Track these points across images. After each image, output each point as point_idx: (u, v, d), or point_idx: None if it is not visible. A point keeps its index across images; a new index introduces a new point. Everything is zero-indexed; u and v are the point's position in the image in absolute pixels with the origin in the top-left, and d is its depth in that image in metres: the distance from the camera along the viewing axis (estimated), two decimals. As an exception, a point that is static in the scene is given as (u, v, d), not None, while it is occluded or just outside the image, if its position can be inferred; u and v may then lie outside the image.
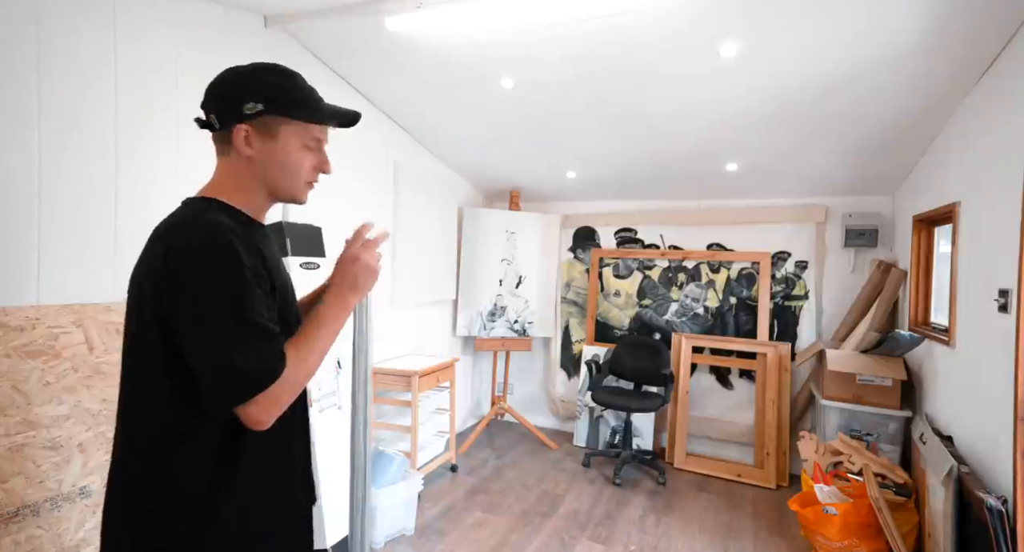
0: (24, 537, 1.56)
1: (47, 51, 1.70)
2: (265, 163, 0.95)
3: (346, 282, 0.98)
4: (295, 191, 1.00)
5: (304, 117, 0.95)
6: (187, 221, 0.91)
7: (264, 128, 0.94)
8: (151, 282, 0.88)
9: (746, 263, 3.88)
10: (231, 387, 0.82)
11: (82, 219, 1.82)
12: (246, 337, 0.83)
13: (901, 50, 2.13)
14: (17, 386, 1.59)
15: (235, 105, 0.93)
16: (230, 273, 0.85)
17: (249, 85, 0.95)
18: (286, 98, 0.95)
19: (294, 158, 0.96)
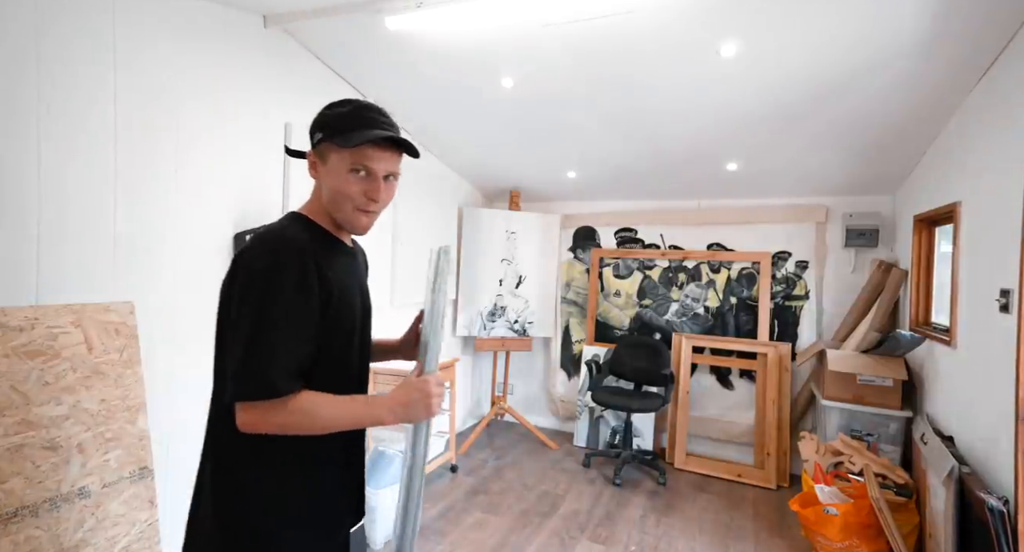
0: (23, 538, 1.56)
1: (46, 51, 1.69)
2: (323, 187, 1.03)
3: (399, 405, 0.98)
4: (347, 216, 1.03)
5: (340, 143, 0.98)
6: (266, 231, 0.99)
7: (321, 155, 1.02)
8: (225, 285, 0.97)
9: (746, 263, 3.88)
10: (233, 384, 0.89)
11: (81, 219, 1.81)
12: (261, 347, 0.89)
13: (902, 50, 2.12)
14: (16, 386, 1.59)
15: (311, 136, 1.04)
16: (277, 284, 0.91)
17: (317, 119, 1.04)
18: (333, 126, 1.00)
19: (341, 183, 1.00)
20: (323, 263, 0.97)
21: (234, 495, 0.98)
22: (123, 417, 1.84)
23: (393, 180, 1.06)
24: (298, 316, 0.92)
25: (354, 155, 0.98)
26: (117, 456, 1.80)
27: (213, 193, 2.28)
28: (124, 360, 1.86)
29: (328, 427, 0.94)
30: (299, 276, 0.92)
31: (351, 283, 1.06)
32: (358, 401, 0.97)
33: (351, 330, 1.05)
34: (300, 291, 0.92)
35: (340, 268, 1.03)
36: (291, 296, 0.91)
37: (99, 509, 1.73)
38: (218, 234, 2.32)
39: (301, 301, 0.92)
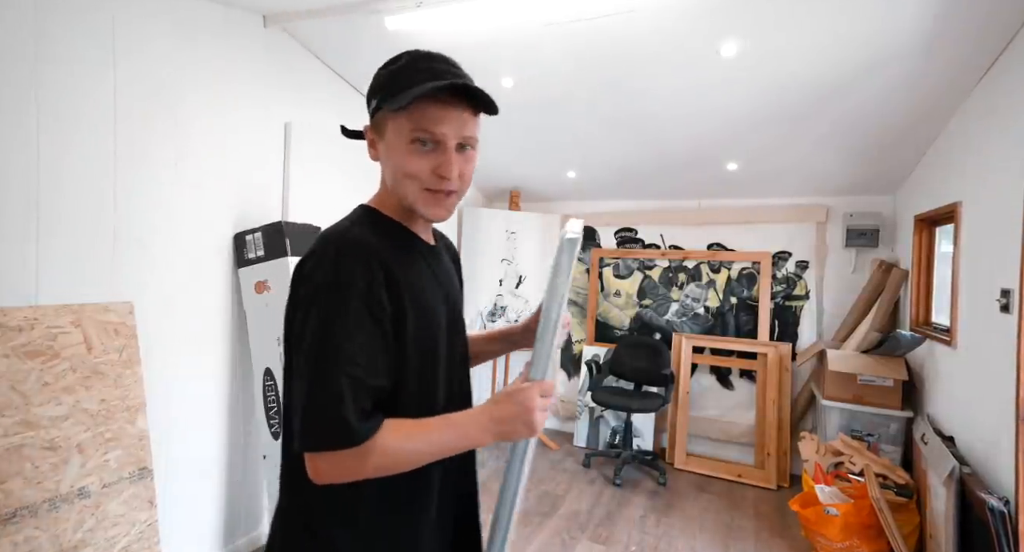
0: (22, 538, 1.55)
1: (46, 50, 1.69)
2: (384, 167, 0.85)
3: (495, 422, 0.78)
4: (411, 199, 0.82)
5: (392, 104, 0.76)
6: (329, 231, 0.82)
7: (378, 128, 0.84)
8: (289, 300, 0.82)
9: (747, 263, 3.88)
10: (301, 431, 0.73)
11: (81, 219, 1.81)
12: (329, 383, 0.71)
13: (902, 50, 2.12)
14: (15, 386, 1.58)
15: (368, 105, 0.85)
16: (341, 300, 0.73)
17: (374, 79, 0.83)
18: (386, 87, 0.79)
19: (401, 159, 0.80)
20: (396, 269, 0.78)
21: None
22: (123, 417, 1.83)
23: (471, 150, 0.83)
24: (370, 341, 0.74)
25: (413, 120, 0.77)
26: (117, 456, 1.80)
27: (213, 193, 2.28)
28: (124, 360, 1.86)
29: (416, 462, 0.77)
30: (366, 290, 0.74)
31: (432, 291, 0.86)
32: (450, 423, 0.78)
33: (433, 349, 0.85)
34: (370, 309, 0.74)
35: (417, 274, 0.84)
36: (360, 317, 0.74)
37: (99, 509, 1.73)
38: (218, 234, 2.32)
39: (371, 322, 0.74)
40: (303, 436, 0.72)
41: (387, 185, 0.86)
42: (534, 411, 0.78)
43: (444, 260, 0.96)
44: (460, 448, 0.79)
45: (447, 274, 0.95)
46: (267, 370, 2.35)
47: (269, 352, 2.34)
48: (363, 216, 0.85)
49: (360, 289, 0.74)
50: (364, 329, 0.74)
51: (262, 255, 2.32)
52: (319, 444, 0.71)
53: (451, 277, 0.96)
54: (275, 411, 2.34)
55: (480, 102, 0.80)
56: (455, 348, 0.93)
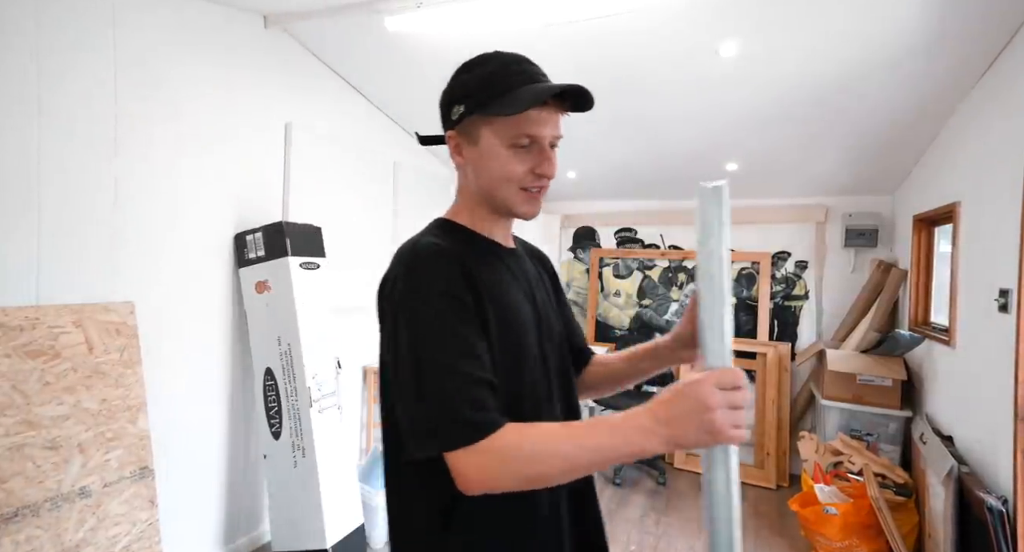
0: (23, 537, 1.56)
1: (46, 51, 1.70)
2: (475, 171, 0.83)
3: (661, 423, 0.64)
4: (508, 201, 0.81)
5: (497, 110, 0.77)
6: (400, 248, 0.80)
7: (467, 132, 0.82)
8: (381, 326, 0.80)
9: (746, 263, 3.88)
10: (417, 434, 0.69)
11: (81, 219, 1.82)
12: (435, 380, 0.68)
13: (901, 50, 2.12)
14: (17, 386, 1.59)
15: (446, 112, 0.84)
16: (422, 299, 0.72)
17: (453, 88, 0.83)
18: (481, 92, 0.79)
19: (501, 163, 0.79)
20: (473, 269, 0.76)
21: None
22: (123, 417, 1.84)
23: (557, 147, 0.84)
24: (465, 336, 0.71)
25: (515, 124, 0.77)
26: (118, 456, 1.81)
27: (213, 193, 2.28)
28: (124, 360, 1.86)
29: (565, 469, 0.67)
30: (446, 288, 0.72)
31: (514, 289, 0.82)
32: (602, 424, 0.67)
33: (519, 349, 0.79)
34: (455, 306, 0.72)
35: (497, 273, 0.81)
36: (447, 315, 0.71)
37: (100, 509, 1.74)
38: (218, 234, 2.32)
39: (459, 318, 0.71)
40: (424, 440, 0.68)
41: (469, 191, 0.86)
42: (713, 409, 0.62)
43: (526, 263, 0.93)
44: (620, 455, 0.66)
45: (531, 275, 0.91)
46: (267, 370, 2.35)
47: (269, 352, 2.34)
48: (435, 227, 0.85)
49: (440, 288, 0.72)
50: (455, 325, 0.71)
51: (263, 255, 2.32)
52: (444, 444, 0.67)
53: (537, 278, 0.92)
54: (275, 411, 2.34)
55: (578, 104, 0.82)
56: (546, 351, 0.85)
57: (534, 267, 0.95)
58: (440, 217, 0.89)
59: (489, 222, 0.86)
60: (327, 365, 2.41)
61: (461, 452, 0.66)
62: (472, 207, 0.86)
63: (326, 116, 2.83)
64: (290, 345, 2.29)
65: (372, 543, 2.59)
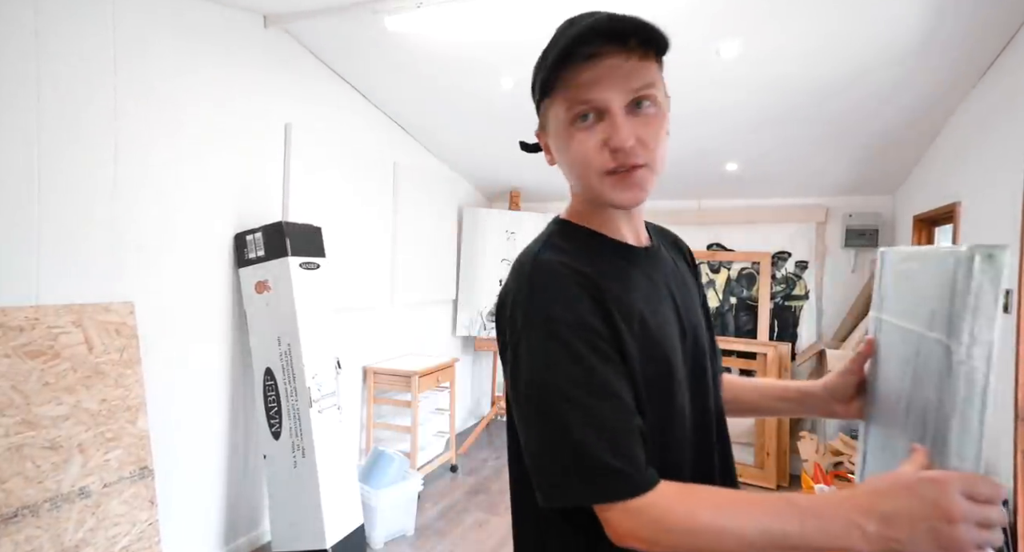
0: (23, 537, 1.56)
1: (46, 51, 1.70)
2: (561, 165, 0.71)
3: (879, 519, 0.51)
4: (596, 189, 0.66)
5: (540, 84, 0.65)
6: (521, 259, 0.69)
7: (543, 123, 0.71)
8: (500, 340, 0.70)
9: (746, 263, 3.88)
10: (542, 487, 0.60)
11: (81, 219, 1.82)
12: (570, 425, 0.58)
13: (902, 50, 2.12)
14: (16, 386, 1.59)
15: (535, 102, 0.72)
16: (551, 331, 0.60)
17: (534, 73, 0.69)
18: (535, 74, 0.67)
19: (569, 146, 0.65)
20: (603, 286, 0.63)
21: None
22: (123, 417, 1.84)
23: (650, 106, 0.63)
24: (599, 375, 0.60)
25: (564, 95, 0.63)
26: (117, 456, 1.80)
27: (213, 193, 2.28)
28: (124, 360, 1.86)
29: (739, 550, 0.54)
30: (573, 313, 0.61)
31: (653, 301, 0.69)
32: (791, 507, 0.54)
33: (667, 372, 0.66)
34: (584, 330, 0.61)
35: (631, 286, 0.68)
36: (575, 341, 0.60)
37: (99, 509, 1.74)
38: (218, 234, 2.32)
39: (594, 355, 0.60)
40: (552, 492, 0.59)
41: (575, 190, 0.75)
42: (956, 521, 0.48)
43: (666, 262, 0.78)
44: (810, 548, 0.52)
45: (673, 277, 0.76)
46: (267, 370, 2.35)
47: (269, 352, 2.34)
48: (554, 233, 0.73)
49: (569, 318, 0.61)
50: (591, 361, 0.60)
51: (262, 255, 2.32)
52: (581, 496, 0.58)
53: (680, 280, 0.77)
54: (275, 411, 2.34)
55: (641, 36, 0.61)
56: (698, 365, 0.73)
57: (673, 261, 0.80)
58: (558, 216, 0.77)
59: (608, 218, 0.72)
60: (327, 365, 2.41)
61: (608, 507, 0.57)
62: (584, 203, 0.73)
63: (326, 116, 2.83)
64: (290, 345, 2.29)
65: (372, 543, 2.59)
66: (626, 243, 0.72)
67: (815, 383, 0.81)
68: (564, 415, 0.58)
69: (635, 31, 0.61)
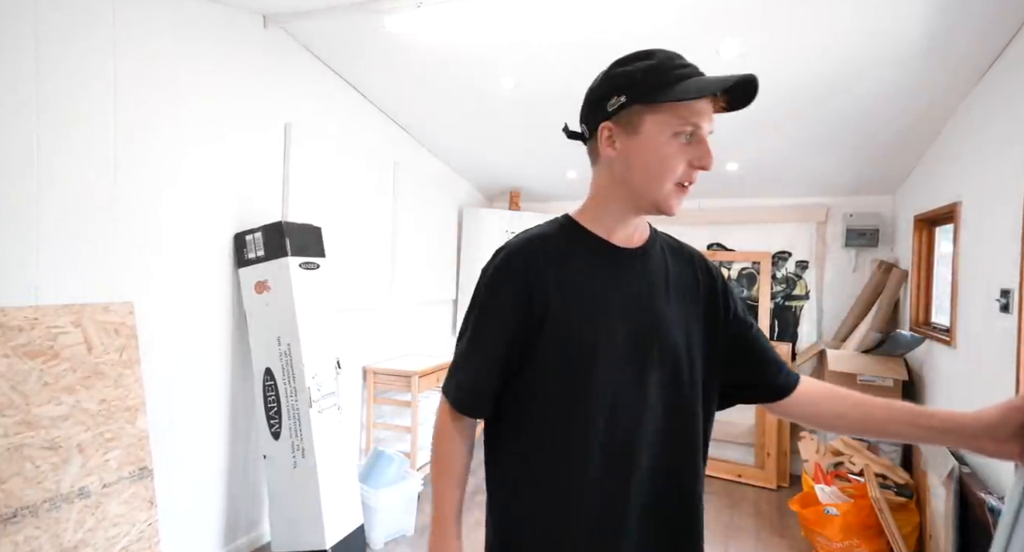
0: (23, 538, 1.56)
1: (46, 51, 1.69)
2: (628, 163, 0.80)
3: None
4: (660, 196, 0.79)
5: (665, 97, 0.77)
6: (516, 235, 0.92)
7: (627, 122, 0.80)
8: None
9: (746, 263, 3.88)
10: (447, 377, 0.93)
11: (81, 219, 1.82)
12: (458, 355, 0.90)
13: (902, 50, 2.12)
14: (16, 386, 1.59)
15: (600, 104, 0.82)
16: (478, 299, 0.87)
17: (612, 79, 0.82)
18: (647, 82, 0.78)
19: (661, 153, 0.78)
20: (556, 271, 0.81)
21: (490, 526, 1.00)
22: (123, 417, 1.84)
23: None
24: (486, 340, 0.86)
25: (681, 115, 0.77)
26: (117, 456, 1.80)
27: (213, 193, 2.28)
28: (124, 360, 1.86)
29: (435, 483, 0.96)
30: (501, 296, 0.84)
31: (604, 296, 0.82)
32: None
33: (587, 356, 0.80)
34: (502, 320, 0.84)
35: (588, 278, 0.82)
36: (485, 308, 0.86)
37: (99, 509, 1.73)
38: (218, 234, 2.32)
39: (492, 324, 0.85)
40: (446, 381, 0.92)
41: (608, 187, 0.85)
42: None
43: (652, 269, 0.87)
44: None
45: (657, 276, 0.86)
46: (267, 370, 2.35)
47: (269, 352, 2.34)
48: (554, 222, 0.90)
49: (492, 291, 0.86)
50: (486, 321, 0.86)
51: (262, 255, 2.32)
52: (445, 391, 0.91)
53: (666, 281, 0.87)
54: (275, 411, 2.34)
55: (733, 102, 0.85)
56: (645, 369, 0.81)
57: (679, 269, 0.90)
58: (569, 215, 0.91)
59: (614, 222, 0.85)
60: (327, 365, 2.41)
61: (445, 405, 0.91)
62: (603, 205, 0.86)
63: (326, 116, 2.83)
64: (290, 345, 2.29)
65: (372, 543, 2.59)
66: (610, 243, 0.85)
67: (965, 414, 0.78)
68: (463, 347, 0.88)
69: (748, 100, 0.85)
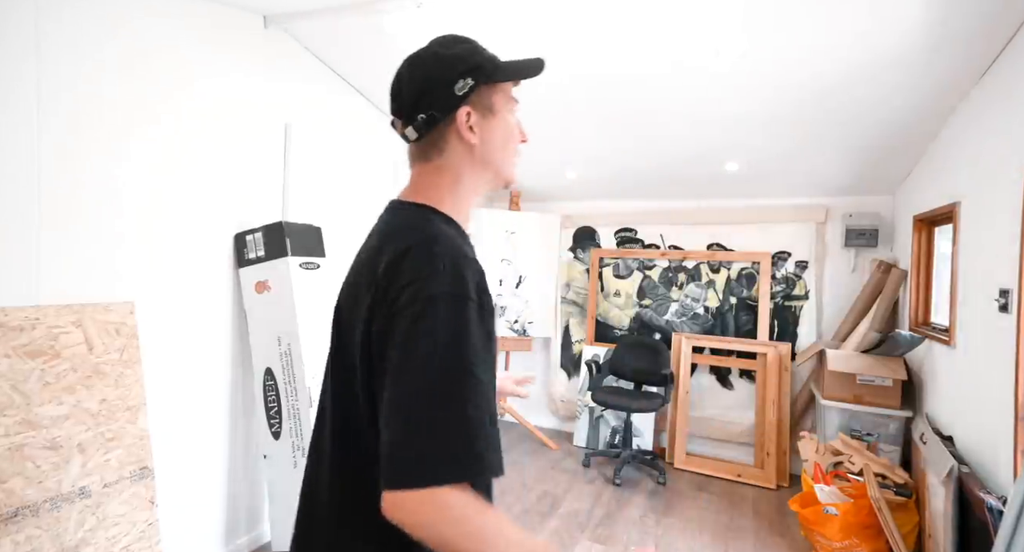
0: (23, 537, 1.56)
1: (46, 52, 1.70)
2: (489, 145, 0.79)
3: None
4: (512, 169, 0.84)
5: (507, 77, 0.80)
6: (425, 234, 0.71)
7: (483, 104, 0.79)
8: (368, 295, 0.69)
9: (746, 263, 3.88)
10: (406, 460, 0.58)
11: (82, 219, 1.82)
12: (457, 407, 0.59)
13: (902, 50, 2.12)
14: (17, 386, 1.59)
15: (447, 90, 0.76)
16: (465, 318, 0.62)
17: (452, 64, 0.77)
18: (485, 64, 0.79)
19: (511, 129, 0.82)
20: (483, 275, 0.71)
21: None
22: (123, 417, 1.84)
23: None
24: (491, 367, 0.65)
25: (507, 91, 0.82)
26: (117, 456, 1.80)
27: (213, 193, 2.28)
28: (124, 360, 1.86)
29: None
30: (480, 308, 0.65)
31: None
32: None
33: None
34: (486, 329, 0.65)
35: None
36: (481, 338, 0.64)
37: (99, 509, 1.74)
38: (218, 234, 2.32)
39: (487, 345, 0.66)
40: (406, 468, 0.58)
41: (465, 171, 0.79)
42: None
43: None
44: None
45: None
46: (267, 370, 2.35)
47: (269, 352, 2.34)
48: (435, 217, 0.76)
49: (476, 302, 0.65)
50: (486, 352, 0.64)
51: (262, 255, 2.32)
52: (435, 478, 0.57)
53: None
54: (275, 411, 2.34)
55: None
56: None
57: None
58: (429, 206, 0.78)
59: (467, 210, 0.81)
60: (327, 365, 2.41)
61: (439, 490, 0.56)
62: (462, 193, 0.79)
63: (326, 116, 2.83)
64: (290, 345, 2.29)
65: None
66: (469, 234, 0.81)
67: None
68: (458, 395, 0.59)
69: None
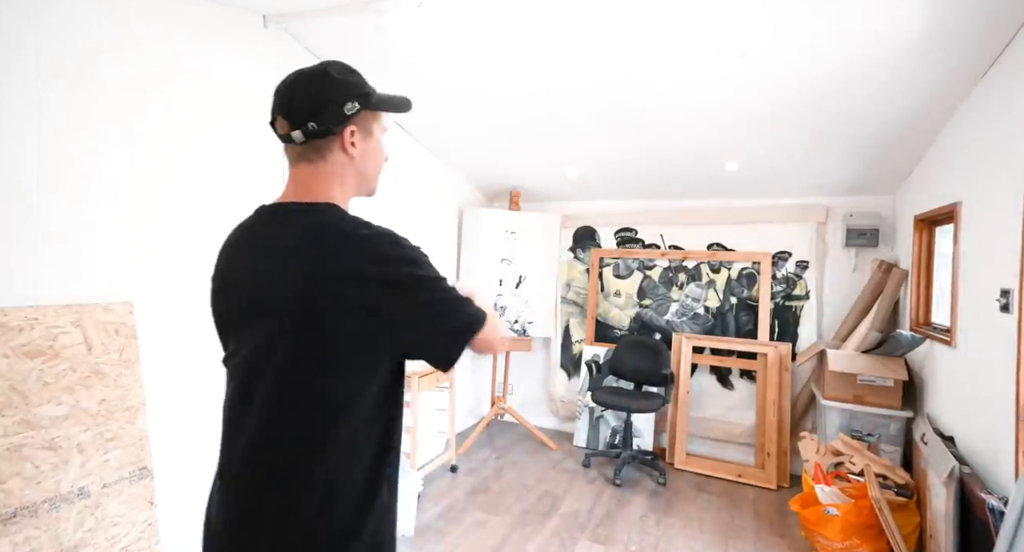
0: (22, 538, 1.55)
1: (46, 51, 1.69)
2: (365, 160, 0.99)
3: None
4: (376, 182, 1.06)
5: (386, 108, 1.01)
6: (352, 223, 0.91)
7: (363, 126, 0.98)
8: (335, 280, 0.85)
9: (747, 263, 3.88)
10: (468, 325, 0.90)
11: (82, 219, 1.81)
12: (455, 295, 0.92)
13: (902, 50, 2.12)
14: (16, 386, 1.58)
15: (339, 108, 0.94)
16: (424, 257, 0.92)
17: (348, 87, 0.96)
18: (372, 94, 0.99)
19: (381, 153, 1.03)
20: None
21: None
22: (123, 417, 1.84)
23: None
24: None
25: (382, 121, 1.02)
26: (117, 456, 1.80)
27: (212, 193, 2.28)
28: (123, 360, 1.86)
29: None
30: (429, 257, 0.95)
31: None
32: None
33: None
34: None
35: None
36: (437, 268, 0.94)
37: (99, 509, 1.73)
38: (218, 234, 2.32)
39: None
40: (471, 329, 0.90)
41: (348, 180, 1.00)
42: None
43: None
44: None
45: None
46: (267, 370, 2.34)
47: (269, 352, 2.33)
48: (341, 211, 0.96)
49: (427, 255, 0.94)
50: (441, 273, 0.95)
51: (262, 255, 2.31)
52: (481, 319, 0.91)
53: None
54: (275, 411, 2.34)
55: None
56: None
57: None
58: (335, 205, 0.97)
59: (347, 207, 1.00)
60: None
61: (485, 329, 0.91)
62: (346, 194, 1.00)
63: (326, 116, 2.82)
64: (290, 345, 2.28)
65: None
66: None
67: None
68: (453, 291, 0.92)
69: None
